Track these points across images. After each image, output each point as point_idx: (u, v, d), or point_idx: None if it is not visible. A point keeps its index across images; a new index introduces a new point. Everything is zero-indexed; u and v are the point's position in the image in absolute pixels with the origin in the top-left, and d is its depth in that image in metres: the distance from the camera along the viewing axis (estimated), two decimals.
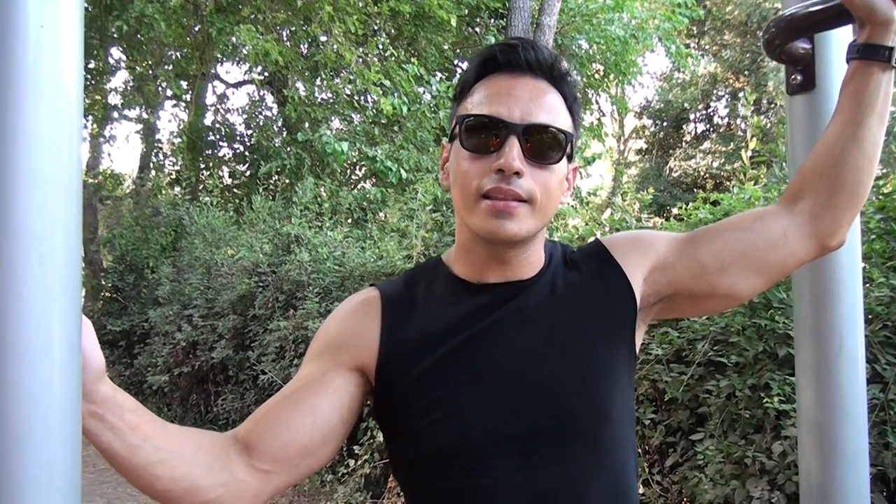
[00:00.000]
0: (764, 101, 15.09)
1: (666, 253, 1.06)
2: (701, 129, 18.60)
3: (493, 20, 10.78)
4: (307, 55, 10.50)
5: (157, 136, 14.20)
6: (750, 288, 1.06)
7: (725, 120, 18.11)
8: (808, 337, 1.18)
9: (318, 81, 10.66)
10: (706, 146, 17.74)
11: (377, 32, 10.30)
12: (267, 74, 11.48)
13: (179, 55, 12.31)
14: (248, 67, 12.55)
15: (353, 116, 10.52)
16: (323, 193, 8.85)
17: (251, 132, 12.69)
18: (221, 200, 11.05)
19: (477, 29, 11.25)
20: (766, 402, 2.68)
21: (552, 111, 0.98)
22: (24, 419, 0.57)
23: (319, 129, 9.20)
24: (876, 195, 3.10)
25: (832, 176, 1.01)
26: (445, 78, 10.72)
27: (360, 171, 10.88)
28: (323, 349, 1.03)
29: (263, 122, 12.44)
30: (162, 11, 9.40)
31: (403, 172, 8.50)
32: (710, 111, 18.37)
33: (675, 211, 4.29)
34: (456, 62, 11.56)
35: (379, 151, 8.70)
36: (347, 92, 10.04)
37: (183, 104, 13.72)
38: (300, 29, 10.06)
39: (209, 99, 13.86)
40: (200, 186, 12.04)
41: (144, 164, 14.15)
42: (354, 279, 6.15)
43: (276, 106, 12.47)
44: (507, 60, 1.00)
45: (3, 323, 0.56)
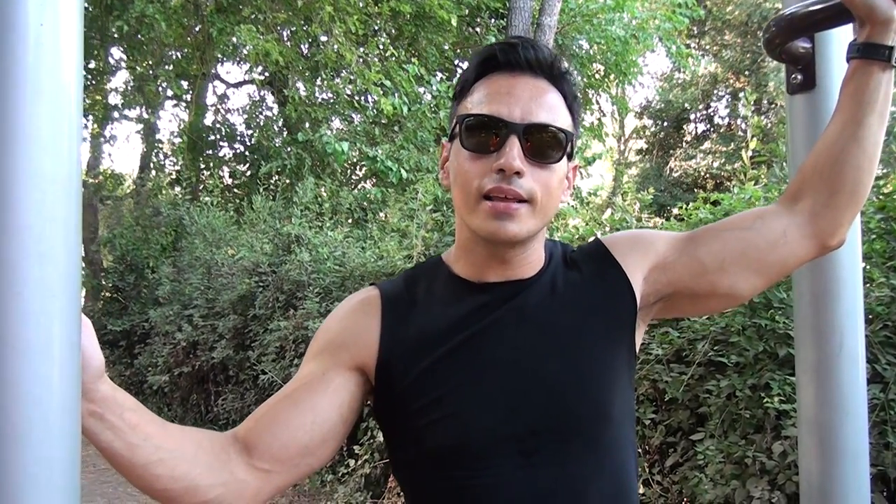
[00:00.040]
0: (764, 101, 15.10)
1: (666, 252, 1.06)
2: (701, 129, 18.61)
3: (493, 20, 10.78)
4: (308, 55, 10.51)
5: (157, 136, 14.20)
6: (750, 287, 1.06)
7: (726, 120, 18.11)
8: (808, 336, 1.18)
9: (318, 81, 10.65)
10: (707, 146, 17.74)
11: (378, 32, 10.30)
12: (267, 74, 11.48)
13: (180, 55, 12.31)
14: (248, 67, 12.57)
15: (353, 116, 10.52)
16: (323, 193, 8.85)
17: (252, 132, 12.69)
18: (222, 200, 11.05)
19: (477, 29, 11.25)
20: (766, 402, 2.68)
21: (552, 110, 0.98)
22: (23, 418, 0.57)
23: (320, 129, 9.20)
24: (876, 195, 3.10)
25: (832, 175, 1.01)
26: (446, 78, 10.72)
27: (360, 171, 10.88)
28: (323, 348, 1.03)
29: (264, 122, 12.44)
30: (162, 11, 9.40)
31: (404, 172, 8.50)
32: (710, 111, 18.38)
33: (675, 211, 4.29)
34: (456, 62, 11.56)
35: (379, 151, 8.70)
36: (348, 92, 10.04)
37: (183, 104, 13.72)
38: (301, 29, 10.06)
39: (210, 99, 13.90)
40: (201, 186, 12.04)
41: (145, 164, 14.15)
42: (355, 279, 6.15)
43: (276, 106, 12.46)
44: (506, 59, 1.00)
45: (2, 321, 0.56)
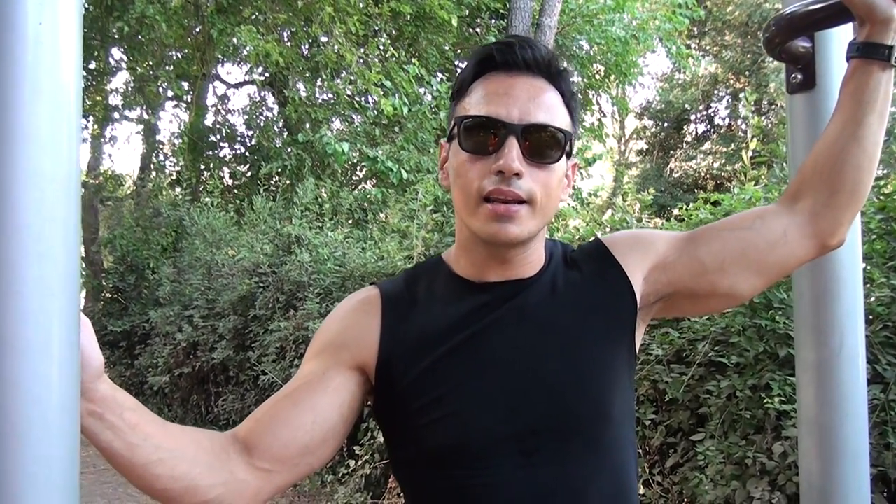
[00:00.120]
0: (764, 101, 15.10)
1: (666, 252, 1.06)
2: (702, 129, 18.62)
3: (493, 21, 10.78)
4: (308, 56, 10.50)
5: (157, 136, 14.19)
6: (750, 287, 1.06)
7: (726, 120, 18.12)
8: (808, 336, 1.18)
9: (318, 82, 10.65)
10: (707, 147, 17.75)
11: (378, 33, 10.30)
12: (268, 75, 11.49)
13: (180, 56, 12.31)
14: (248, 68, 12.55)
15: (353, 117, 10.52)
16: (324, 194, 8.84)
17: (252, 133, 12.69)
18: (222, 201, 11.05)
19: (478, 30, 11.25)
20: (766, 402, 2.68)
21: (550, 110, 0.98)
22: (22, 417, 0.57)
23: (320, 129, 9.20)
24: (876, 195, 3.10)
25: (832, 175, 1.01)
26: (446, 79, 10.71)
27: (360, 171, 10.88)
28: (323, 348, 1.03)
29: (264, 122, 12.44)
30: (163, 12, 9.40)
31: (404, 173, 8.50)
32: (710, 112, 18.39)
33: (675, 212, 4.29)
34: (457, 63, 11.55)
35: (380, 152, 8.70)
36: (348, 93, 10.04)
37: (184, 105, 13.72)
38: (301, 30, 10.06)
39: (210, 100, 13.88)
40: (201, 187, 12.03)
41: (145, 164, 14.15)
42: (355, 280, 6.15)
43: (276, 106, 12.46)
44: (504, 59, 0.99)
45: (2, 321, 0.56)
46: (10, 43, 0.57)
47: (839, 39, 1.13)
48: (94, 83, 12.65)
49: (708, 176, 16.54)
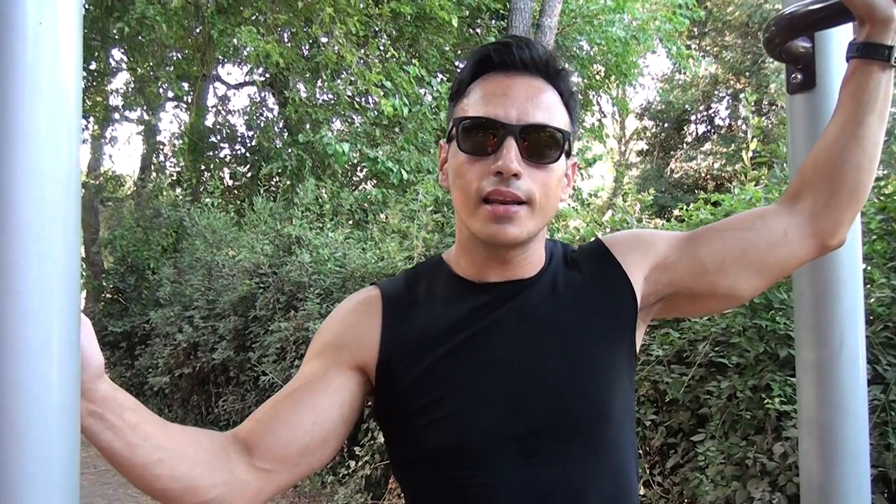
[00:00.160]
0: (765, 102, 15.10)
1: (667, 252, 1.06)
2: (702, 130, 18.62)
3: (494, 21, 10.79)
4: (308, 56, 10.50)
5: (158, 137, 14.17)
6: (750, 288, 1.06)
7: (726, 121, 18.12)
8: (808, 336, 1.18)
9: (318, 83, 10.66)
10: (707, 147, 17.75)
11: (378, 34, 10.31)
12: (268, 76, 11.49)
13: (181, 56, 12.31)
14: (249, 69, 12.55)
15: (354, 118, 10.52)
16: (324, 194, 8.85)
17: (252, 133, 12.69)
18: (222, 202, 11.06)
19: (478, 30, 11.26)
20: (767, 403, 2.68)
21: (549, 110, 0.98)
22: (22, 416, 0.57)
23: (320, 130, 9.20)
24: (877, 196, 3.10)
25: (832, 175, 1.01)
26: (446, 79, 10.71)
27: (361, 172, 10.89)
28: (324, 348, 1.03)
29: (264, 123, 12.43)
30: (163, 13, 9.41)
31: (404, 173, 8.51)
32: (711, 112, 18.38)
33: (676, 212, 4.29)
34: (457, 63, 11.54)
35: (380, 153, 8.70)
36: (348, 93, 10.04)
37: (184, 105, 13.72)
38: (301, 30, 10.06)
39: (210, 100, 13.87)
40: (201, 188, 12.03)
41: (145, 165, 14.16)
42: (355, 280, 6.15)
43: (277, 107, 12.46)
44: (501, 60, 0.99)
45: (2, 320, 0.56)
46: (10, 43, 0.57)
47: (839, 39, 1.13)
48: (94, 84, 12.65)
49: (708, 176, 16.54)
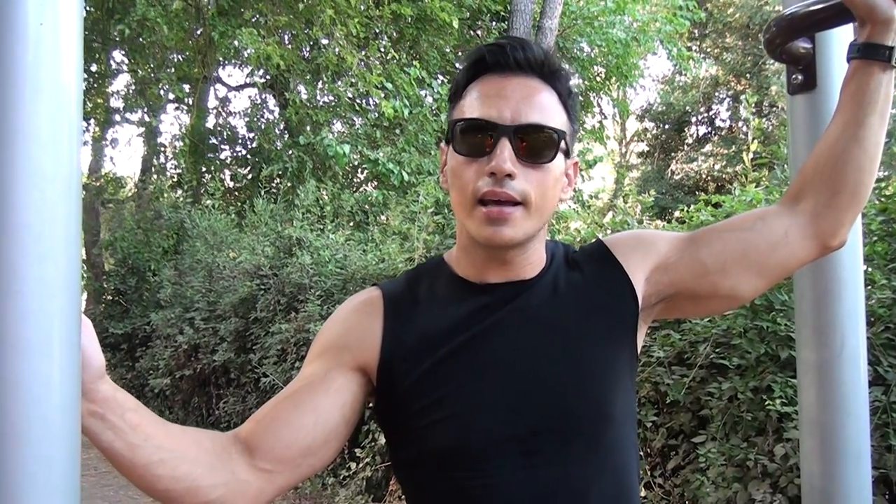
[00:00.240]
0: (765, 103, 15.10)
1: (668, 253, 1.06)
2: (703, 131, 18.62)
3: (494, 23, 10.80)
4: (309, 58, 10.52)
5: (159, 139, 14.20)
6: (751, 288, 1.06)
7: (727, 123, 18.13)
8: (809, 337, 1.17)
9: (319, 84, 10.67)
10: (708, 149, 17.74)
11: (379, 35, 10.32)
12: (269, 77, 11.50)
13: (181, 58, 12.33)
14: (249, 71, 12.55)
15: (354, 119, 10.53)
16: (325, 196, 8.85)
17: (253, 135, 12.70)
18: (223, 203, 11.08)
19: (479, 32, 11.27)
20: (767, 404, 2.67)
21: (544, 110, 0.98)
22: (23, 417, 0.57)
23: (321, 132, 9.20)
24: (878, 197, 3.10)
25: (833, 175, 1.01)
26: (447, 81, 10.71)
27: (361, 173, 10.89)
28: (325, 349, 1.03)
29: (265, 125, 12.44)
30: (164, 15, 9.42)
31: (405, 175, 8.51)
32: (711, 114, 18.39)
33: (677, 214, 4.29)
34: (457, 65, 11.56)
35: (381, 154, 8.71)
36: (349, 95, 10.05)
37: (185, 107, 13.74)
38: (302, 32, 10.07)
39: (211, 102, 13.89)
40: (202, 189, 12.03)
41: (146, 167, 14.17)
42: (356, 282, 6.15)
43: (277, 109, 12.47)
44: (495, 61, 0.99)
45: (2, 320, 0.56)
46: (10, 43, 0.57)
47: (840, 40, 1.12)
48: (95, 86, 12.66)
49: (709, 178, 16.54)
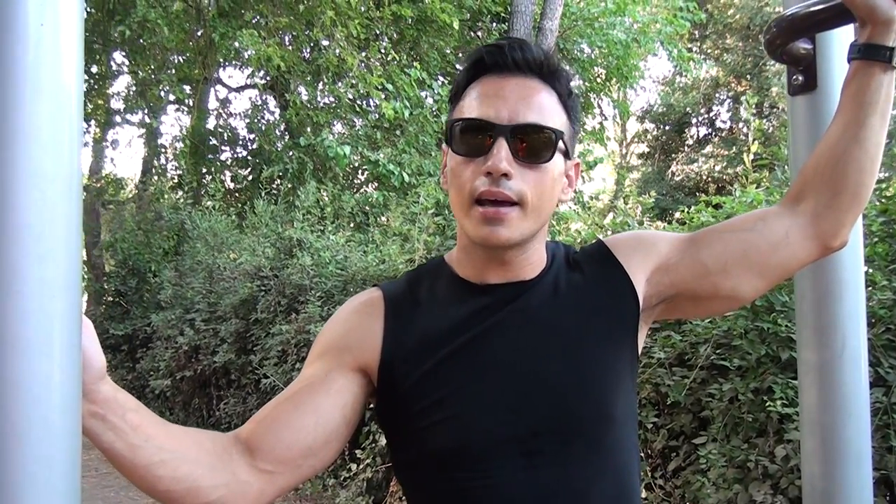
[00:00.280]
0: (766, 104, 15.10)
1: (669, 253, 1.06)
2: (703, 132, 18.62)
3: (495, 24, 10.80)
4: (309, 59, 10.52)
5: (159, 140, 14.19)
6: (752, 289, 1.06)
7: (727, 124, 18.14)
8: (810, 338, 1.17)
9: (320, 86, 10.67)
10: (708, 150, 17.75)
11: (379, 37, 10.32)
12: (269, 79, 11.50)
13: (182, 60, 12.34)
14: (250, 72, 12.55)
15: (355, 120, 10.53)
16: (325, 197, 8.86)
17: (253, 136, 12.69)
18: (224, 204, 11.08)
19: (479, 33, 11.27)
20: (768, 405, 2.67)
21: (542, 110, 0.98)
22: (23, 417, 0.57)
23: (322, 133, 9.21)
24: (878, 198, 3.10)
25: (834, 176, 1.01)
26: (447, 82, 10.72)
27: (362, 175, 10.89)
28: (326, 350, 1.03)
29: (266, 126, 12.44)
30: (164, 16, 9.43)
31: (406, 176, 8.51)
32: (712, 115, 18.39)
33: (677, 215, 4.28)
34: (458, 66, 11.57)
35: (381, 155, 8.72)
36: (350, 96, 10.06)
37: (185, 108, 13.74)
38: (302, 33, 10.08)
39: (212, 103, 13.88)
40: (203, 191, 12.03)
41: (147, 168, 14.16)
42: (356, 283, 6.15)
43: (278, 110, 12.48)
44: (494, 61, 0.99)
45: (2, 321, 0.56)
46: (10, 44, 0.57)
47: (840, 41, 1.12)
48: (96, 87, 12.67)
49: (709, 179, 16.54)
